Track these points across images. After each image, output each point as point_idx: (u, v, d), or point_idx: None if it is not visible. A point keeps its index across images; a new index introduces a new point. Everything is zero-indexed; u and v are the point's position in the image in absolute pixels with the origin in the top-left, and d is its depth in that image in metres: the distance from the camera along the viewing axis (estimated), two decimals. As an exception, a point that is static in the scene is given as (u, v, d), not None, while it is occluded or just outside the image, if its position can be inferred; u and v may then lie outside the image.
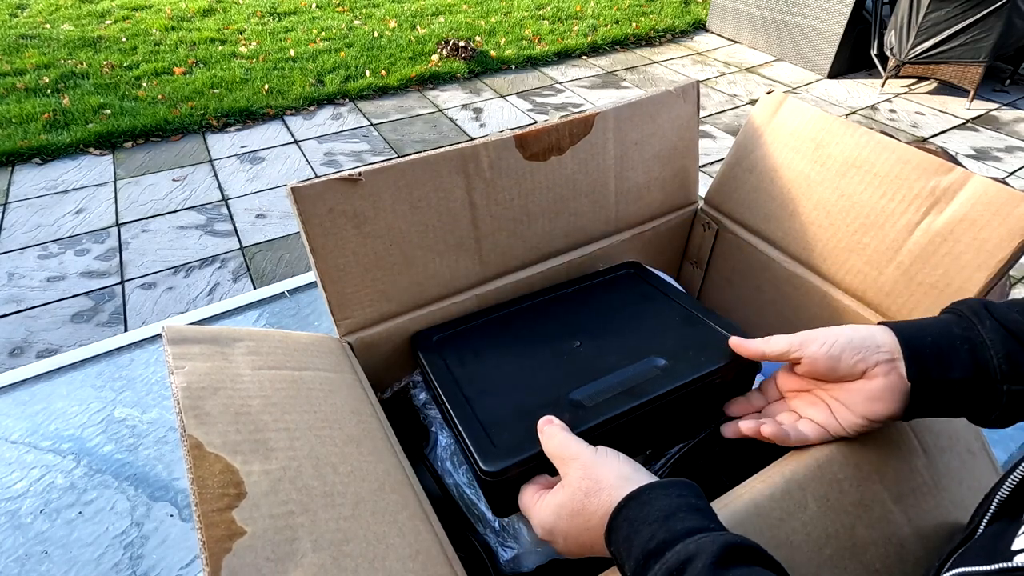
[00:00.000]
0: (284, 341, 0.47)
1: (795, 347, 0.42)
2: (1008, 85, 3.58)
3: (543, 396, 0.49)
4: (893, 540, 0.42)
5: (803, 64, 3.86)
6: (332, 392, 0.45)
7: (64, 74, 3.26)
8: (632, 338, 0.55)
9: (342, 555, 0.32)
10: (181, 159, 2.75)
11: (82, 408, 0.69)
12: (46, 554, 0.55)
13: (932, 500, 0.45)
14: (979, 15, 2.92)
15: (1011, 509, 0.33)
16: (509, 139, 0.56)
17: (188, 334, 0.40)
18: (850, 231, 0.58)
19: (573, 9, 4.56)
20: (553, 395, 0.49)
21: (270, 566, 0.29)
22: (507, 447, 0.44)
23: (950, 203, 0.51)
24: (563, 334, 0.57)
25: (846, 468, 0.42)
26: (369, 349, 0.56)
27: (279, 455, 0.35)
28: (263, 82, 3.33)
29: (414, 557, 0.35)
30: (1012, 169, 2.79)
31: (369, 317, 0.56)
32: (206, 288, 2.03)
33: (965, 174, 0.50)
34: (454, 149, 0.54)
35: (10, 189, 2.49)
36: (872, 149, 0.56)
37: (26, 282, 2.02)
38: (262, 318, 0.82)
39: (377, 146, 2.90)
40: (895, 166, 0.54)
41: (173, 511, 0.59)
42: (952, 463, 0.47)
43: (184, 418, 0.33)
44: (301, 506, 0.33)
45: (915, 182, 0.53)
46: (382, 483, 0.40)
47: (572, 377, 0.51)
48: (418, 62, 3.66)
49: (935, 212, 0.52)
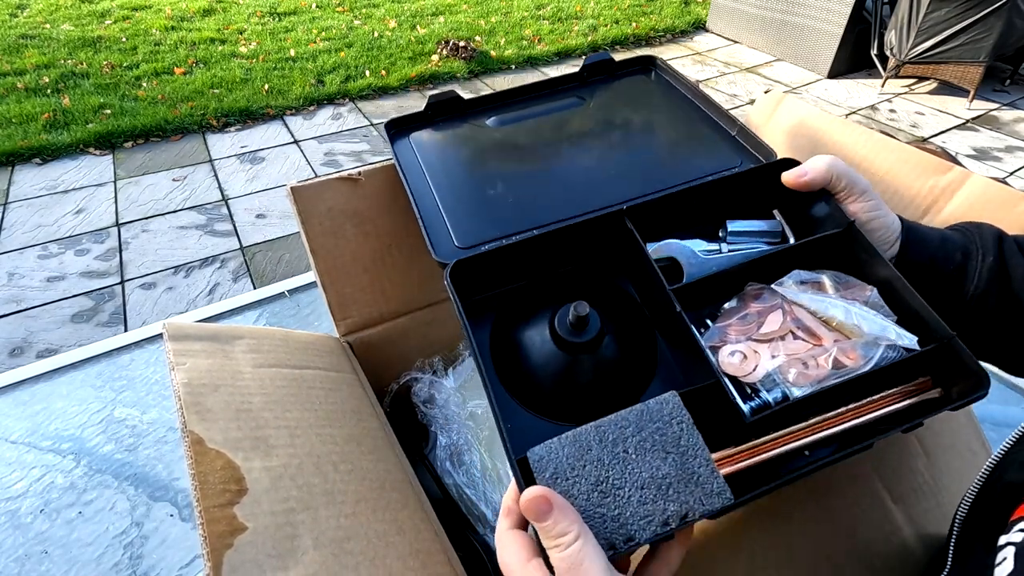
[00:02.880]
0: (285, 340, 0.47)
1: (843, 188, 0.42)
2: (1008, 85, 3.58)
3: (518, 193, 0.49)
4: (893, 540, 0.42)
5: (803, 64, 3.86)
6: (332, 391, 0.45)
7: (64, 74, 3.26)
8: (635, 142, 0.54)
9: (343, 552, 0.32)
10: (181, 159, 2.75)
11: (82, 408, 0.69)
12: (46, 554, 0.56)
13: (932, 500, 0.45)
14: (979, 15, 2.92)
15: (977, 529, 0.34)
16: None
17: (189, 331, 0.41)
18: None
19: (573, 9, 4.56)
20: (530, 195, 0.49)
21: (271, 562, 0.29)
22: (467, 235, 0.45)
23: (949, 202, 0.51)
24: (558, 137, 0.55)
25: (846, 467, 0.42)
26: (369, 349, 0.57)
27: (280, 452, 0.35)
28: (263, 82, 3.33)
29: (414, 555, 0.36)
30: (1012, 169, 2.79)
31: (369, 317, 0.56)
32: (206, 288, 2.03)
33: (964, 173, 0.50)
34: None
35: (10, 189, 2.49)
36: (870, 148, 0.56)
37: (26, 282, 2.02)
38: (262, 318, 0.82)
39: (377, 146, 2.90)
40: (893, 165, 0.54)
41: (173, 511, 0.59)
42: (953, 463, 0.47)
43: (185, 414, 0.33)
44: (302, 503, 0.33)
45: (914, 181, 0.53)
46: (382, 482, 0.40)
47: (557, 181, 0.50)
48: (418, 62, 3.66)
49: (934, 212, 0.52)
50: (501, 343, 0.44)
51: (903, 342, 0.36)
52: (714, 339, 0.40)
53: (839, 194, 0.42)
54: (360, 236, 0.52)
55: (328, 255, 0.52)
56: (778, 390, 0.36)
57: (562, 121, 0.57)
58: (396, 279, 0.56)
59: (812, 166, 0.42)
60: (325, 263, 0.52)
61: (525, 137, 0.55)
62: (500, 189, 0.50)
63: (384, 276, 0.55)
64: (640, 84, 0.61)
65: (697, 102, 0.57)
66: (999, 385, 0.74)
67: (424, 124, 0.57)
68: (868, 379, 0.35)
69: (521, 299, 0.46)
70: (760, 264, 0.42)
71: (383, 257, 0.54)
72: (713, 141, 0.53)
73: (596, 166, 0.51)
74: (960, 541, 0.35)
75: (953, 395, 0.35)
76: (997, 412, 0.71)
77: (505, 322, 0.45)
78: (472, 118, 0.57)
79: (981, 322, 0.39)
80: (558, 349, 0.41)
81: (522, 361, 0.42)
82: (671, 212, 0.47)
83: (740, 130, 0.52)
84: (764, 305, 0.40)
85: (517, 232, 0.46)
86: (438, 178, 0.51)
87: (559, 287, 0.47)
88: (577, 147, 0.53)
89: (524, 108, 0.58)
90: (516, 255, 0.45)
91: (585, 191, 0.49)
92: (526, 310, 0.45)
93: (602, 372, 0.41)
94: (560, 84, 0.61)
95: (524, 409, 0.40)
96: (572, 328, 0.40)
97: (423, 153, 0.53)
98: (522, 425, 0.39)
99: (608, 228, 0.45)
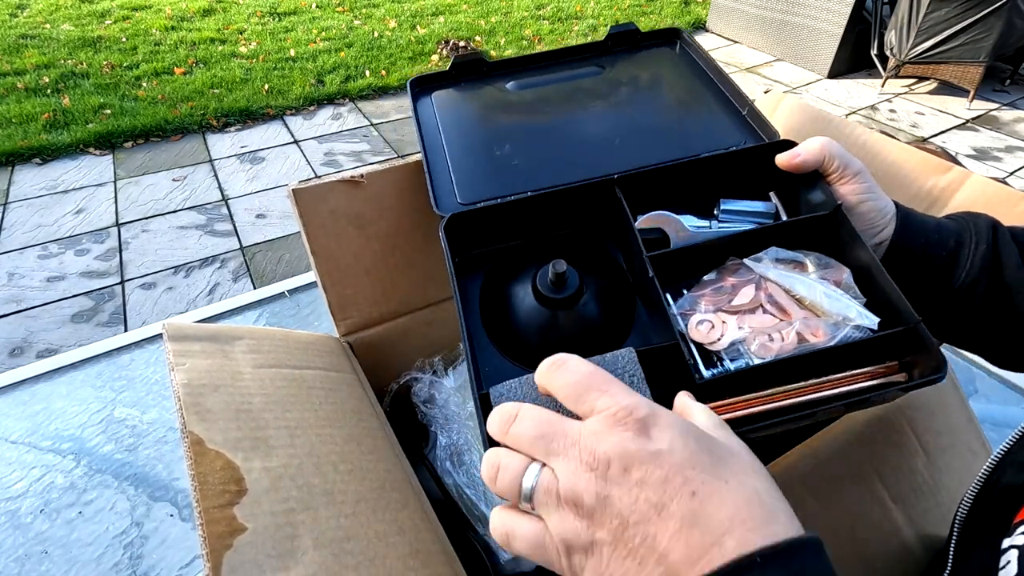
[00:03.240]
0: (285, 340, 0.47)
1: (835, 169, 0.42)
2: (1008, 85, 3.58)
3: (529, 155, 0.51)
4: (893, 540, 0.42)
5: (803, 64, 3.86)
6: (332, 391, 0.45)
7: (64, 74, 3.26)
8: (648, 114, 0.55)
9: (343, 552, 0.32)
10: (181, 159, 2.75)
11: (82, 408, 0.69)
12: (46, 554, 0.56)
13: (932, 500, 0.45)
14: (979, 15, 2.92)
15: (978, 530, 0.34)
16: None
17: (189, 331, 0.41)
18: (849, 231, 0.58)
19: (573, 9, 4.56)
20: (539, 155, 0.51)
21: (271, 563, 0.29)
22: (469, 192, 0.47)
23: (948, 202, 0.51)
24: (571, 103, 0.56)
25: (846, 466, 0.42)
26: (369, 349, 0.57)
27: (280, 453, 0.35)
28: (263, 82, 3.33)
29: (414, 555, 0.36)
30: (1012, 169, 2.79)
31: (369, 317, 0.56)
32: (206, 288, 2.04)
33: (963, 173, 0.50)
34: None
35: (10, 189, 2.49)
36: (869, 148, 0.56)
37: (26, 282, 2.02)
38: (262, 318, 0.82)
39: (377, 146, 2.90)
40: (892, 165, 0.54)
41: (173, 511, 0.59)
42: (953, 463, 0.47)
43: (185, 414, 0.33)
44: (302, 503, 0.33)
45: (914, 181, 0.53)
46: (382, 482, 0.40)
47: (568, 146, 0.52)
48: (418, 62, 3.67)
49: (934, 211, 0.52)
50: (490, 296, 0.46)
51: (864, 322, 0.37)
52: (685, 307, 0.41)
53: (831, 175, 0.42)
54: (361, 238, 0.52)
55: (329, 257, 0.52)
56: (742, 360, 0.38)
57: (578, 88, 0.58)
58: (397, 280, 0.56)
59: (806, 147, 0.43)
60: (326, 264, 0.52)
61: (540, 102, 0.57)
62: (507, 150, 0.52)
63: (385, 277, 0.55)
64: (663, 56, 0.62)
65: (714, 78, 0.57)
66: (999, 385, 0.74)
67: (447, 84, 0.59)
68: (832, 357, 0.36)
69: (513, 257, 0.48)
70: (744, 240, 0.43)
71: (384, 258, 0.54)
72: (722, 118, 0.53)
73: (602, 133, 0.53)
74: (960, 542, 0.35)
75: (914, 376, 0.35)
76: (997, 412, 0.71)
77: (496, 277, 0.47)
78: (494, 80, 0.59)
79: (970, 310, 0.39)
80: (538, 304, 0.43)
81: (507, 313, 0.45)
82: (666, 184, 0.48)
83: (750, 110, 0.52)
84: (740, 279, 0.41)
85: (517, 193, 0.47)
86: (450, 135, 0.53)
87: (551, 248, 0.48)
88: (588, 114, 0.55)
89: (545, 74, 0.60)
90: (512, 214, 0.47)
91: (588, 157, 0.51)
92: (515, 267, 0.47)
93: (578, 328, 0.43)
94: (584, 52, 0.61)
95: (503, 356, 0.43)
96: (552, 285, 0.42)
97: (441, 111, 0.56)
98: (499, 367, 0.42)
99: (600, 195, 0.47)
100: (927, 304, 0.40)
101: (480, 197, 0.47)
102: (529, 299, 0.43)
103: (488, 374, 0.41)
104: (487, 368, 0.42)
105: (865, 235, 0.40)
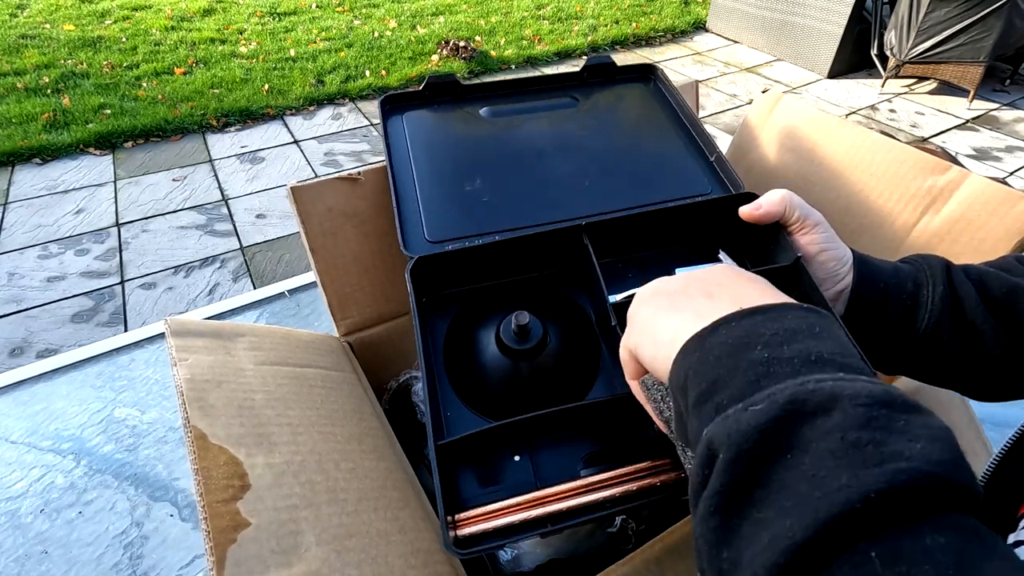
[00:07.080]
0: (286, 338, 0.47)
1: (796, 220, 0.43)
2: (1008, 85, 3.58)
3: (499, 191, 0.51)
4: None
5: (803, 64, 3.87)
6: (333, 390, 0.45)
7: (64, 74, 3.26)
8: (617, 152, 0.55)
9: (345, 550, 0.32)
10: (181, 159, 2.75)
11: (82, 408, 0.69)
12: (46, 554, 0.56)
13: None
14: (979, 15, 2.93)
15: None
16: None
17: (191, 327, 0.41)
18: (847, 231, 0.58)
19: (573, 9, 4.56)
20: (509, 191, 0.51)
21: (275, 558, 0.29)
22: (438, 230, 0.47)
23: (947, 202, 0.51)
24: (544, 138, 0.56)
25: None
26: (369, 349, 0.57)
27: (282, 449, 0.35)
28: (263, 82, 3.33)
29: (415, 554, 0.36)
30: (1012, 169, 2.80)
31: (369, 317, 0.56)
32: (206, 288, 2.04)
33: (962, 173, 0.50)
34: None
35: (10, 189, 2.49)
36: (868, 148, 0.56)
37: (26, 282, 2.02)
38: (262, 318, 0.83)
39: (377, 146, 2.90)
40: (892, 165, 0.55)
41: (173, 511, 0.59)
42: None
43: (188, 409, 0.33)
44: (305, 500, 0.33)
45: (912, 181, 0.53)
46: (384, 481, 0.40)
47: (536, 185, 0.52)
48: (418, 62, 3.67)
49: (932, 211, 0.52)
50: (455, 340, 0.46)
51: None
52: None
53: (792, 226, 0.43)
54: (360, 236, 0.52)
55: (328, 255, 0.52)
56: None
57: (552, 121, 0.58)
58: (396, 279, 0.56)
59: (767, 200, 0.43)
60: (325, 263, 0.52)
61: (512, 133, 0.56)
62: (478, 185, 0.51)
63: (384, 276, 0.55)
64: (636, 93, 0.62)
65: (685, 121, 0.58)
66: (998, 384, 0.74)
67: (419, 104, 0.58)
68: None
69: (480, 300, 0.48)
70: None
71: (383, 257, 0.54)
72: (690, 163, 0.54)
73: (572, 173, 0.53)
74: None
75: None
76: (997, 412, 0.71)
77: (462, 320, 0.47)
78: (467, 104, 0.58)
79: (938, 352, 0.39)
80: (501, 354, 0.43)
81: (470, 360, 0.45)
82: (632, 231, 0.49)
83: (718, 158, 0.53)
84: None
85: (486, 232, 0.48)
86: (421, 165, 0.52)
87: (518, 292, 0.49)
88: (559, 152, 0.55)
89: (519, 102, 0.59)
90: (480, 257, 0.47)
91: (557, 199, 0.51)
92: (481, 312, 0.47)
93: (541, 377, 0.44)
94: (558, 82, 0.61)
95: (463, 404, 0.43)
96: (515, 336, 0.42)
97: (412, 134, 0.55)
98: (460, 415, 0.43)
99: (568, 241, 0.47)
100: (895, 349, 0.40)
101: (449, 236, 0.47)
102: (492, 348, 0.43)
103: (450, 419, 0.42)
104: (448, 413, 0.42)
105: (826, 284, 0.41)
